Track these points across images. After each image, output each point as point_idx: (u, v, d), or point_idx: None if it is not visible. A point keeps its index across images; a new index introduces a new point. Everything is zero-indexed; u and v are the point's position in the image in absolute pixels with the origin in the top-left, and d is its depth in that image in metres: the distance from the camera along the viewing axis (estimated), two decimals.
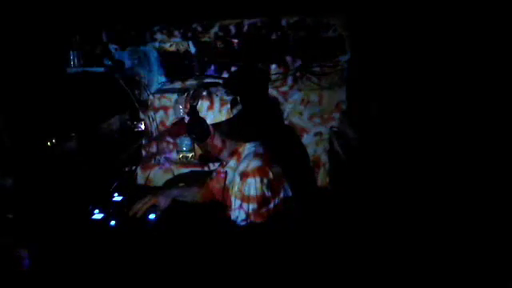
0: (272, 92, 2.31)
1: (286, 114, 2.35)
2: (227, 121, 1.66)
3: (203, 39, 2.27)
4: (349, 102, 2.31)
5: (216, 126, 1.64)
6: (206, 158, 2.28)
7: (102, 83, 2.26)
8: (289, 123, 2.35)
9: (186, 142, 2.30)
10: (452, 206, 1.44)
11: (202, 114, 1.68)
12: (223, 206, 1.70)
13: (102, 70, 2.20)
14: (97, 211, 1.76)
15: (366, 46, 2.09)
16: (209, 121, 1.72)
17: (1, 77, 1.72)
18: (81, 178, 1.95)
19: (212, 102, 1.77)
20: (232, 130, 1.67)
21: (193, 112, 1.61)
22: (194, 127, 1.61)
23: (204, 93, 1.66)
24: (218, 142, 1.65)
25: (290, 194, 1.63)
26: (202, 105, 1.75)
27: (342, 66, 2.28)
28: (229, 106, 1.65)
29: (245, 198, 1.56)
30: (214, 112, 1.77)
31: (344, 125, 2.27)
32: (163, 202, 1.76)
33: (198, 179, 1.96)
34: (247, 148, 1.66)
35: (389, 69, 1.91)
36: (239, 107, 1.70)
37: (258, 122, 1.76)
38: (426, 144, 1.62)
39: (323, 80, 2.33)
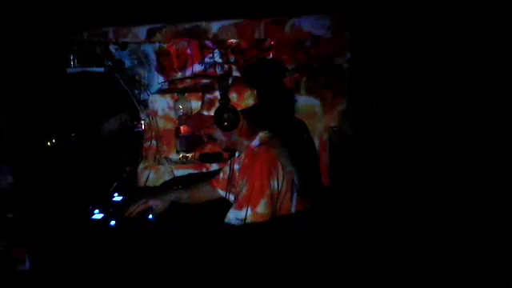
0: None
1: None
2: (254, 106, 1.65)
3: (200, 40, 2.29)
4: (349, 102, 2.31)
5: (243, 112, 1.63)
6: (207, 157, 2.28)
7: (101, 83, 2.26)
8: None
9: (185, 141, 2.30)
10: (452, 205, 1.44)
11: None
12: (223, 206, 1.70)
13: (102, 70, 2.21)
14: (97, 211, 1.76)
15: (366, 46, 2.09)
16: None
17: (1, 77, 1.72)
18: (81, 178, 1.95)
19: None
20: (256, 117, 1.66)
21: (224, 99, 1.61)
22: (226, 115, 1.60)
23: (230, 81, 1.66)
24: (246, 128, 1.64)
25: (295, 190, 1.61)
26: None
27: (341, 67, 2.28)
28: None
29: (244, 199, 1.55)
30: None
31: (344, 125, 2.27)
32: (159, 205, 1.76)
33: (196, 181, 1.96)
34: (257, 138, 1.66)
35: (389, 69, 1.91)
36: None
37: (271, 111, 1.76)
38: (426, 144, 1.62)
39: (323, 80, 2.33)
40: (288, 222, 1.57)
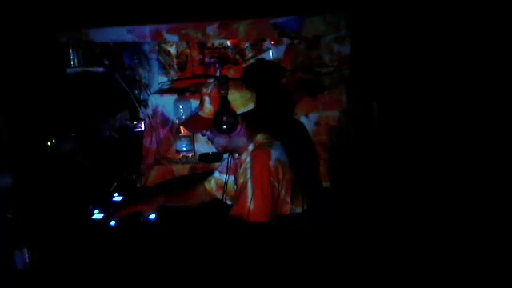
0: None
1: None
2: (254, 109, 1.63)
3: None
4: (349, 102, 2.31)
5: (242, 114, 1.61)
6: (207, 157, 2.28)
7: (101, 83, 2.26)
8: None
9: (185, 141, 2.30)
10: (453, 205, 1.44)
11: None
12: (222, 207, 1.70)
13: (101, 70, 2.21)
14: (97, 211, 1.76)
15: (367, 45, 2.09)
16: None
17: (1, 77, 1.72)
18: (81, 178, 1.95)
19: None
20: (255, 119, 1.64)
21: (223, 102, 1.59)
22: (225, 118, 1.58)
23: (229, 82, 1.64)
24: (245, 130, 1.62)
25: (295, 191, 1.61)
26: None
27: (342, 65, 2.28)
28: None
29: (243, 200, 1.55)
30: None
31: (344, 124, 2.27)
32: (148, 210, 1.76)
33: (191, 183, 1.95)
34: (256, 140, 1.65)
35: (389, 68, 1.91)
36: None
37: (271, 113, 1.74)
38: (427, 144, 1.63)
39: (323, 79, 2.33)
40: (287, 223, 1.57)
